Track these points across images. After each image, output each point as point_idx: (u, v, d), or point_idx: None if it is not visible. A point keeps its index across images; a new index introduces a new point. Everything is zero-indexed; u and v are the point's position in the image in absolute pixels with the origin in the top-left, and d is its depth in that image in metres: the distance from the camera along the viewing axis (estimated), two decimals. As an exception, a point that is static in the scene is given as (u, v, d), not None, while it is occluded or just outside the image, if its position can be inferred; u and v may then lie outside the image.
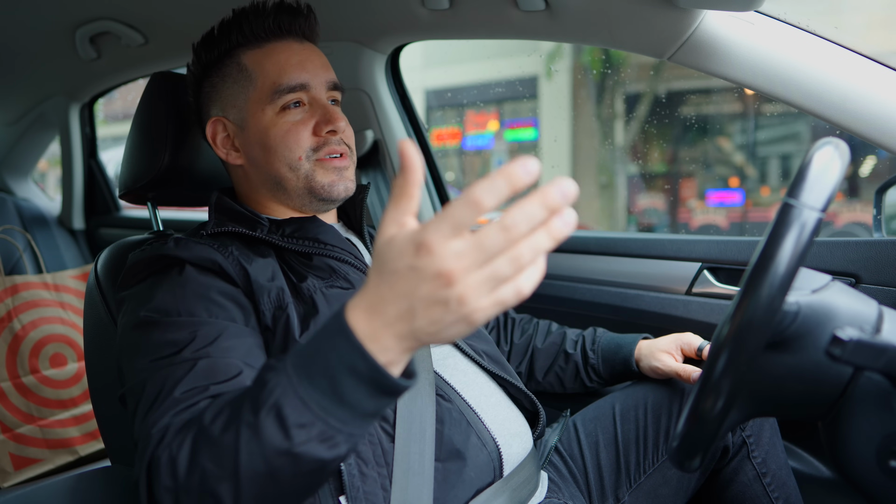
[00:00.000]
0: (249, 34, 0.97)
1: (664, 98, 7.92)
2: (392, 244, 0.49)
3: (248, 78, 0.97)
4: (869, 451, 0.63)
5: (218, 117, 1.00)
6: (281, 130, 0.95)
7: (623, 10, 1.10)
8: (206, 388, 0.69)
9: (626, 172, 8.51)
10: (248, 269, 0.86)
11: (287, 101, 0.95)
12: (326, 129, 0.95)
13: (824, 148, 0.61)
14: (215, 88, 1.00)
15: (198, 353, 0.73)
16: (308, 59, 0.98)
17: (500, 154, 9.40)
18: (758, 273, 0.58)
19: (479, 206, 0.45)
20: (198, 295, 0.81)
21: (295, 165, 0.95)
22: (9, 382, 1.85)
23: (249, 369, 0.76)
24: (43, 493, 0.89)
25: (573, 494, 1.02)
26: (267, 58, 0.97)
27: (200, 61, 1.01)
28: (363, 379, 0.52)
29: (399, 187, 0.49)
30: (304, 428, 0.55)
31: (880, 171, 5.64)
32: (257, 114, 0.96)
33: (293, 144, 0.95)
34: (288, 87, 0.95)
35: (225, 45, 0.98)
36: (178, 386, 0.69)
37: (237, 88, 0.98)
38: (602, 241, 1.46)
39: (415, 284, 0.47)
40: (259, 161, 0.97)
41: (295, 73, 0.96)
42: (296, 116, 0.96)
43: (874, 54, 1.02)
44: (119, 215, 2.49)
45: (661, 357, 1.09)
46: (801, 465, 1.24)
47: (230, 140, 1.00)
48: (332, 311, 0.54)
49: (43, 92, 2.23)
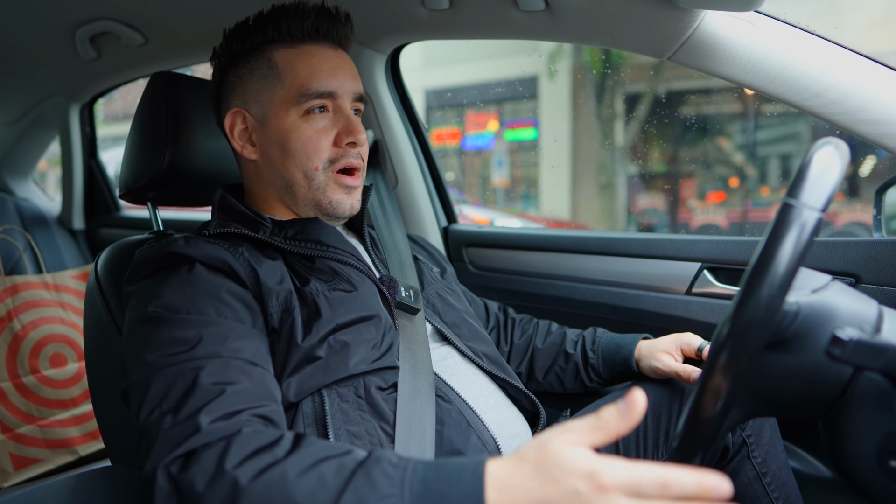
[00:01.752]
0: (286, 32, 0.96)
1: (664, 98, 7.92)
2: (567, 455, 0.52)
3: (278, 76, 0.96)
4: (869, 451, 0.63)
5: (239, 109, 0.99)
6: (303, 136, 0.94)
7: (623, 11, 1.10)
8: (226, 388, 0.69)
9: (626, 172, 8.51)
10: (259, 270, 0.86)
11: (313, 106, 0.95)
12: (348, 139, 0.95)
13: (824, 148, 0.61)
14: (241, 79, 0.99)
15: (209, 352, 0.73)
16: (340, 68, 0.98)
17: (500, 154, 9.40)
18: (758, 273, 0.58)
19: (666, 491, 0.50)
20: (207, 294, 0.80)
21: (310, 174, 0.95)
22: (9, 382, 1.85)
23: (259, 370, 0.75)
24: (43, 493, 0.89)
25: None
26: (300, 59, 0.96)
27: (230, 50, 0.99)
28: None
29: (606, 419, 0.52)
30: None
31: (880, 171, 5.64)
32: (280, 113, 0.95)
33: (312, 153, 0.95)
34: (317, 92, 0.95)
35: (259, 38, 0.97)
36: (199, 382, 0.69)
37: (264, 84, 0.97)
38: (602, 241, 1.46)
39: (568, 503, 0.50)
40: (275, 161, 0.97)
41: (326, 79, 0.95)
42: (319, 123, 0.95)
43: (874, 54, 1.02)
44: (119, 215, 2.50)
45: (661, 357, 1.09)
46: (801, 465, 1.24)
47: (248, 133, 0.99)
48: (471, 463, 0.57)
49: (43, 92, 2.23)
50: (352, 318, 0.86)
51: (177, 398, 0.68)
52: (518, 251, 1.59)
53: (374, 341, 0.87)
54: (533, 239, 1.58)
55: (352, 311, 0.87)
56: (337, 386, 0.82)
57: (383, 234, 1.21)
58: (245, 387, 0.71)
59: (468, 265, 1.67)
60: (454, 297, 1.12)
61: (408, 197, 1.65)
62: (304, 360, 0.82)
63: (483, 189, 9.54)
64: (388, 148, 1.62)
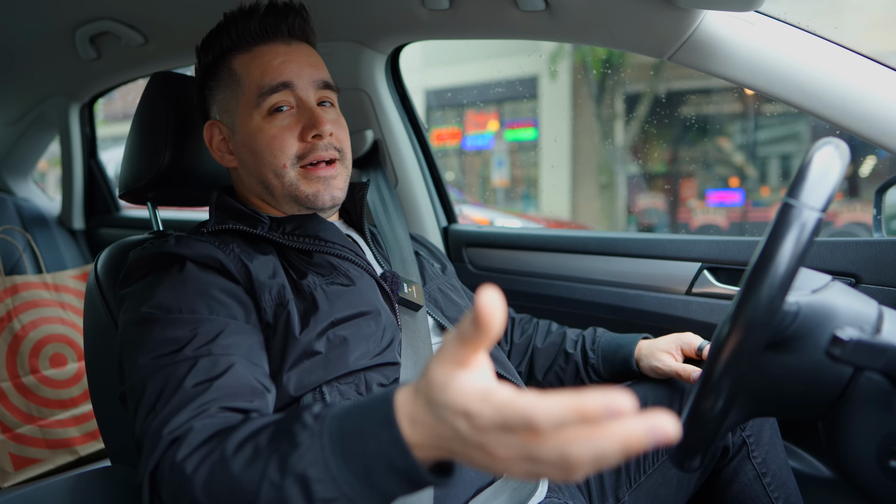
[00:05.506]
0: (237, 38, 0.97)
1: (664, 98, 7.92)
2: (445, 392, 0.48)
3: (238, 83, 0.97)
4: (869, 451, 0.63)
5: (213, 121, 1.01)
6: (267, 136, 0.95)
7: (623, 10, 1.10)
8: (209, 386, 0.70)
9: (626, 172, 8.51)
10: (250, 266, 0.86)
11: (273, 104, 0.95)
12: (311, 133, 0.95)
13: (824, 148, 0.61)
14: (212, 92, 1.01)
15: (199, 351, 0.73)
16: (291, 59, 0.97)
17: (500, 154, 9.40)
18: (758, 273, 0.58)
19: (533, 429, 0.44)
20: (199, 292, 0.81)
21: (280, 173, 0.95)
22: (9, 382, 1.85)
23: (250, 366, 0.76)
24: (43, 493, 0.89)
25: (573, 494, 1.02)
26: (253, 61, 0.97)
27: (200, 64, 1.02)
28: (399, 473, 0.53)
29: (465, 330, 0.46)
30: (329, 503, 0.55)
31: (880, 171, 5.64)
32: (246, 119, 0.96)
33: (278, 151, 0.95)
34: (270, 87, 0.95)
35: (217, 49, 0.99)
36: (183, 384, 0.70)
37: (228, 93, 0.98)
38: (602, 241, 1.46)
39: (459, 441, 0.48)
40: (249, 165, 0.98)
41: (276, 72, 0.95)
42: (282, 122, 0.95)
43: (874, 54, 1.02)
44: (119, 215, 2.49)
45: (661, 357, 1.09)
46: (801, 465, 1.24)
47: (225, 143, 1.01)
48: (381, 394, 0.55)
49: (43, 92, 2.23)
50: (350, 312, 0.87)
51: (165, 402, 0.69)
52: (518, 251, 1.59)
53: (373, 336, 0.87)
54: (533, 239, 1.58)
55: (350, 306, 0.87)
56: (338, 383, 0.82)
57: (385, 231, 1.21)
58: (228, 383, 0.71)
59: (468, 265, 1.67)
60: (455, 293, 1.13)
61: (408, 197, 1.65)
62: (304, 354, 0.82)
63: (483, 189, 9.54)
64: (388, 148, 1.62)
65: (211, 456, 0.62)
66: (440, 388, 0.48)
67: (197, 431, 0.65)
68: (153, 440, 0.66)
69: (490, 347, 0.48)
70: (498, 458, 0.46)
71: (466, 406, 0.47)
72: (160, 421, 0.67)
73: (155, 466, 0.64)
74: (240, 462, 0.60)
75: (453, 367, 0.48)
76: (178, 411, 0.67)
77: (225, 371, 0.72)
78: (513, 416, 0.45)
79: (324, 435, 0.56)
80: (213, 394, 0.70)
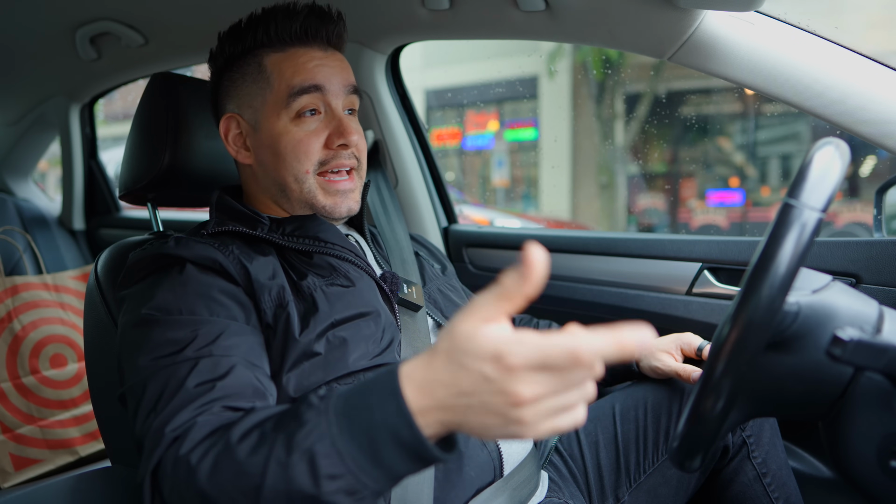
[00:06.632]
0: (274, 36, 0.96)
1: (664, 98, 7.92)
2: (473, 339, 0.48)
3: (267, 81, 0.96)
4: (869, 451, 0.63)
5: (232, 114, 0.99)
6: (293, 139, 0.94)
7: (623, 11, 1.10)
8: (212, 387, 0.70)
9: (626, 172, 8.51)
10: (249, 267, 0.86)
11: (302, 107, 0.94)
12: (338, 142, 0.95)
13: (824, 148, 0.61)
14: (234, 84, 0.99)
15: (199, 353, 0.73)
16: (326, 64, 0.97)
17: (500, 154, 9.40)
18: (758, 273, 0.58)
19: (578, 362, 0.46)
20: (198, 293, 0.81)
21: (301, 178, 0.95)
22: (9, 383, 1.85)
23: (251, 367, 0.76)
24: (43, 494, 0.89)
25: (573, 494, 1.02)
26: (286, 61, 0.96)
27: (224, 53, 0.99)
28: (404, 446, 0.53)
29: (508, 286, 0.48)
30: (335, 479, 0.55)
31: (880, 171, 5.64)
32: (272, 118, 0.95)
33: (302, 156, 0.94)
34: (301, 87, 0.94)
35: (249, 42, 0.97)
36: (184, 384, 0.70)
37: (255, 89, 0.97)
38: (602, 241, 1.46)
39: (481, 390, 0.48)
40: (268, 165, 0.97)
41: (310, 74, 0.95)
42: (310, 126, 0.95)
43: (874, 54, 1.02)
44: (119, 216, 2.49)
45: (661, 357, 1.09)
46: (801, 465, 1.24)
47: (242, 138, 0.99)
48: (386, 369, 0.55)
49: (43, 92, 2.23)
50: (350, 313, 0.87)
51: (166, 402, 0.69)
52: (518, 251, 1.58)
53: (373, 337, 0.87)
54: (533, 239, 1.57)
55: (350, 307, 0.87)
56: (337, 384, 0.82)
57: (385, 231, 1.21)
58: (230, 383, 0.71)
59: (468, 265, 1.67)
60: (455, 294, 1.13)
61: (408, 197, 1.65)
62: (303, 355, 0.82)
63: (483, 189, 9.54)
64: (388, 148, 1.62)
65: (216, 446, 0.62)
66: (466, 338, 0.49)
67: (200, 426, 0.65)
68: (155, 438, 0.66)
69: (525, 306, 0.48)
70: (522, 405, 0.47)
71: (497, 348, 0.48)
72: (162, 420, 0.67)
73: (157, 464, 0.64)
74: (245, 448, 0.60)
75: (479, 322, 0.49)
76: (180, 410, 0.67)
77: (227, 372, 0.72)
78: (556, 351, 0.46)
79: (329, 412, 0.57)
80: (216, 394, 0.70)
